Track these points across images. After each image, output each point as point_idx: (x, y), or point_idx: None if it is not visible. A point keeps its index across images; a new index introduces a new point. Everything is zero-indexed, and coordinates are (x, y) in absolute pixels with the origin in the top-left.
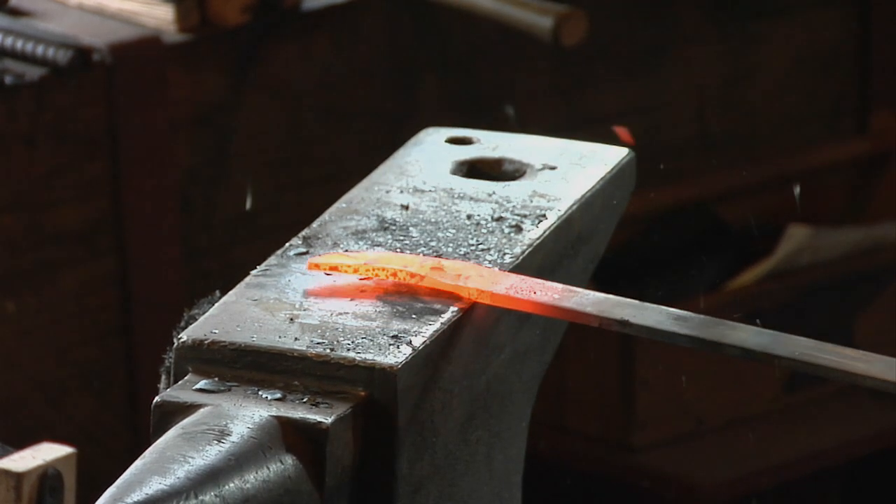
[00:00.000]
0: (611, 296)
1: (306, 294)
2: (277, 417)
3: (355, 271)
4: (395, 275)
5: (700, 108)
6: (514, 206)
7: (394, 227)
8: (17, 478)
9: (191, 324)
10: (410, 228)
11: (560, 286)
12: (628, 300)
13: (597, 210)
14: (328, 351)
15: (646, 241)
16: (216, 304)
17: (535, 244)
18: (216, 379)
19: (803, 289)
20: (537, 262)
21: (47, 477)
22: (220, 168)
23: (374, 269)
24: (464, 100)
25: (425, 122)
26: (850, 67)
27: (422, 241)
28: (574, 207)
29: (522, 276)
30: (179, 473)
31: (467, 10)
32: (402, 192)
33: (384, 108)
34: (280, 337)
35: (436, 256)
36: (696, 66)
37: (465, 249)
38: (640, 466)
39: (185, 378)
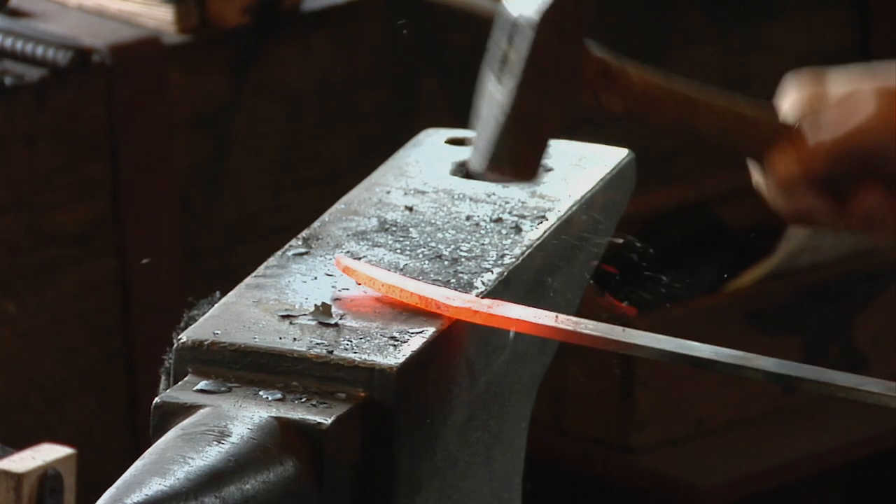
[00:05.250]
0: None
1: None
2: (277, 418)
3: (380, 288)
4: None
5: None
6: (513, 207)
7: (394, 228)
8: (17, 478)
9: (191, 325)
10: (410, 229)
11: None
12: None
13: (597, 211)
14: (328, 352)
15: (646, 241)
16: (216, 305)
17: (534, 245)
18: (216, 380)
19: (803, 289)
20: (537, 263)
21: (47, 478)
22: (220, 169)
23: (399, 292)
24: (464, 100)
25: (425, 123)
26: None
27: (421, 242)
28: (574, 208)
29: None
30: (179, 474)
31: (467, 11)
32: (402, 193)
33: (384, 109)
34: (280, 338)
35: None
36: (696, 66)
37: (465, 250)
38: (640, 468)
39: (185, 379)
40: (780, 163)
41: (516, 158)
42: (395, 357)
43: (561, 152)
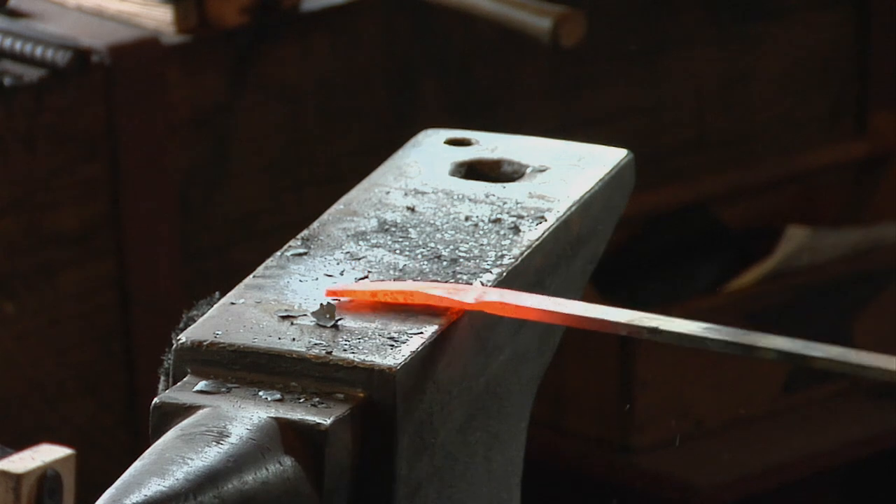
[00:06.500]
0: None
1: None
2: (276, 419)
3: (373, 296)
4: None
5: (699, 109)
6: (512, 208)
7: (393, 229)
8: (17, 479)
9: (190, 325)
10: (409, 230)
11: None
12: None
13: (596, 211)
14: (327, 352)
15: (645, 241)
16: (215, 306)
17: (533, 245)
18: (215, 380)
19: (803, 289)
20: (536, 264)
21: (46, 478)
22: (219, 169)
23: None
24: (463, 101)
25: (424, 124)
26: (848, 68)
27: (420, 243)
28: (573, 209)
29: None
30: (178, 475)
31: (466, 11)
32: (402, 193)
33: (383, 109)
34: (279, 338)
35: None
36: (696, 66)
37: (463, 251)
38: (639, 468)
39: (185, 379)
40: None
41: None
42: (394, 357)
43: (560, 152)
